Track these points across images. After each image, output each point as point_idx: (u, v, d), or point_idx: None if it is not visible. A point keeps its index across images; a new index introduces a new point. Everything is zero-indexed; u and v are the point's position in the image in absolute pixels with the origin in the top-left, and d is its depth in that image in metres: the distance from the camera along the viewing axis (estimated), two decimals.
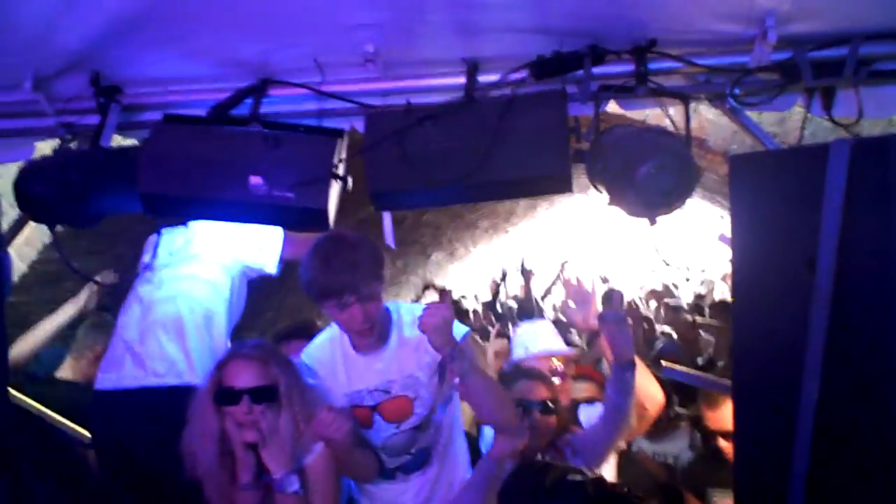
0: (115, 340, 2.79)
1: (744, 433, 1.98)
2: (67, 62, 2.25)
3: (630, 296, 8.00)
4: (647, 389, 2.71)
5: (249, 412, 2.15)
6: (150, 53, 2.26)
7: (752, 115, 2.31)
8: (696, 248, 13.01)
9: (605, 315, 2.54)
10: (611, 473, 2.79)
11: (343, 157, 2.25)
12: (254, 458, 2.19)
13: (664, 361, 3.27)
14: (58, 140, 2.47)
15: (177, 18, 2.07)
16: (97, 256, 4.56)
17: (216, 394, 2.18)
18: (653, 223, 2.05)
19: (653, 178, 1.92)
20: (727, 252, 2.07)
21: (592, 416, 2.91)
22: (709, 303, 8.58)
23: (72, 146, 2.45)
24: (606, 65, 2.15)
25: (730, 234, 1.97)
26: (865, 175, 1.57)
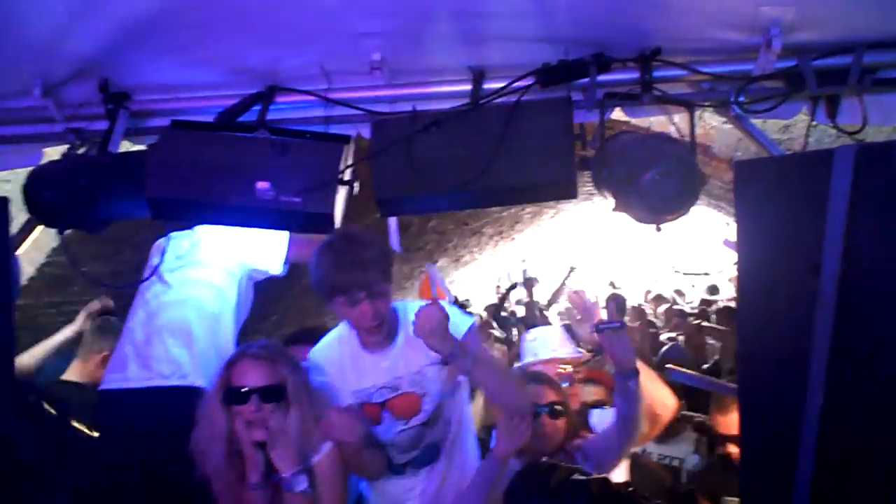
0: (122, 343, 2.80)
1: (749, 437, 1.99)
2: (76, 69, 2.27)
3: (636, 301, 7.99)
4: (658, 395, 2.70)
5: (258, 411, 2.15)
6: (159, 60, 2.28)
7: (757, 123, 2.31)
8: (702, 255, 12.99)
9: (599, 325, 2.51)
10: (621, 478, 2.76)
11: (349, 163, 2.27)
12: (262, 458, 2.19)
13: (669, 365, 3.27)
14: (66, 146, 2.49)
15: (185, 26, 2.08)
16: (104, 261, 4.60)
17: (225, 393, 2.18)
18: (658, 229, 2.06)
19: (658, 185, 1.93)
20: (732, 256, 2.08)
21: (604, 421, 2.88)
22: (715, 307, 8.56)
23: (80, 152, 2.47)
24: (612, 72, 2.16)
25: (735, 240, 1.98)
26: (870, 181, 1.58)
